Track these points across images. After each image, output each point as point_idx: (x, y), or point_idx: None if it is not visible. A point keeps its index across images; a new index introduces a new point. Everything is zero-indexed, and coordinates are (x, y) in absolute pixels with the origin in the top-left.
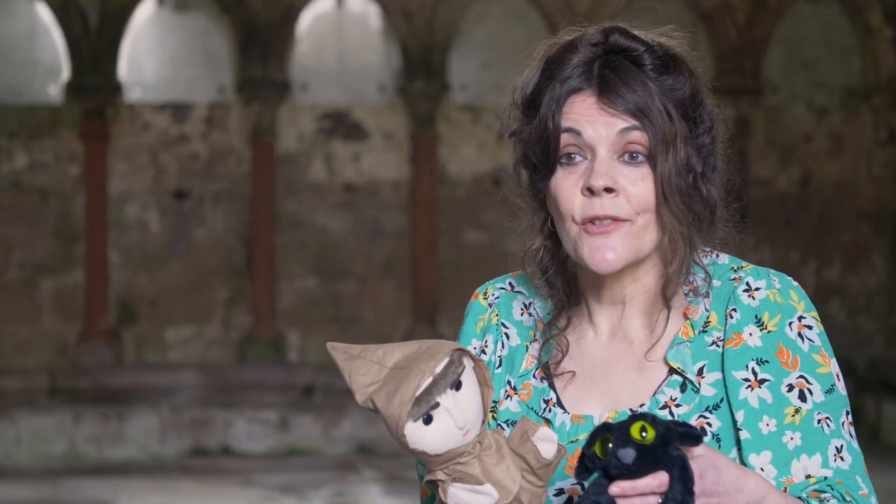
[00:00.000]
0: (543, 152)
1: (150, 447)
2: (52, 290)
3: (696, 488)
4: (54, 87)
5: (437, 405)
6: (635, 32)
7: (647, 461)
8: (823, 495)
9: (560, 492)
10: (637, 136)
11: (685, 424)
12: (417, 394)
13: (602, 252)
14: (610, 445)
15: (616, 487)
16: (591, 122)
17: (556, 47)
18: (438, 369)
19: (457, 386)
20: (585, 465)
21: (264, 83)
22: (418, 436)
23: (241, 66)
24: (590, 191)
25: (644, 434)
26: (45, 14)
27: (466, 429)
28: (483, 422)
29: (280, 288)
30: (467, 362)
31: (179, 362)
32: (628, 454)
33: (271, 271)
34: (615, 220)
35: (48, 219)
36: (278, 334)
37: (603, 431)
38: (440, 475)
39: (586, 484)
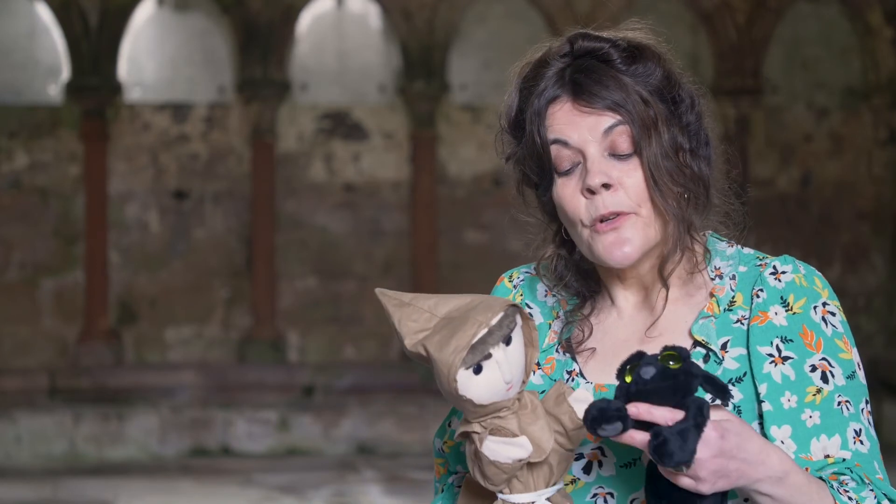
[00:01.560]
0: (538, 166)
1: (150, 447)
2: (52, 290)
3: (715, 446)
4: (54, 87)
5: (489, 356)
6: (598, 33)
7: (665, 383)
8: (843, 478)
9: (580, 456)
10: (621, 129)
11: (716, 378)
12: (473, 342)
13: (618, 247)
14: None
15: (634, 408)
16: (575, 127)
17: (529, 67)
18: (494, 321)
19: (508, 341)
20: (618, 394)
21: (264, 83)
22: (467, 384)
23: (241, 66)
24: (590, 191)
25: (671, 362)
26: (45, 14)
27: (511, 384)
28: (524, 381)
29: (280, 288)
30: (518, 320)
31: (179, 362)
32: (648, 371)
33: (271, 271)
34: (620, 214)
35: (48, 219)
36: (278, 334)
37: (636, 359)
38: (477, 427)
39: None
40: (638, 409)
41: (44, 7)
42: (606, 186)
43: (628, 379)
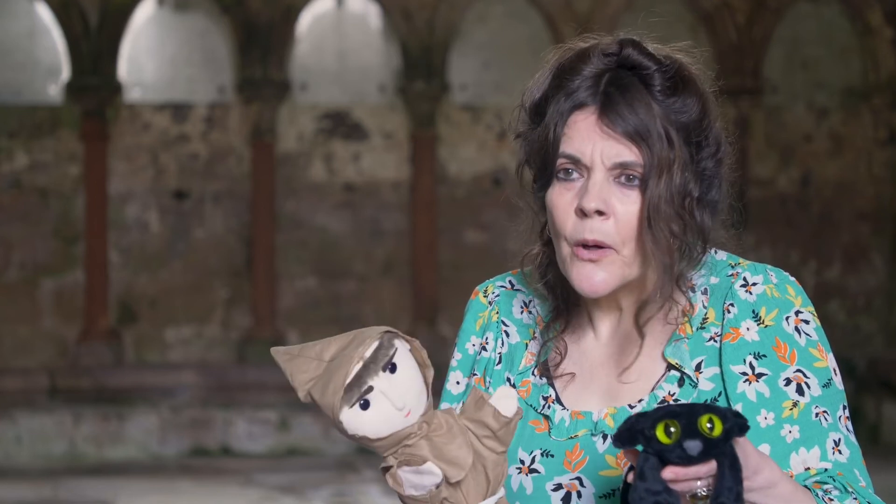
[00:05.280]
0: (542, 163)
1: (150, 447)
2: (52, 290)
3: None
4: (54, 87)
5: (370, 389)
6: (650, 48)
7: (710, 455)
8: (825, 486)
9: (558, 486)
10: (633, 161)
11: (739, 414)
12: (348, 381)
13: (590, 280)
14: (672, 430)
15: (671, 473)
16: (591, 143)
17: (570, 55)
18: (367, 354)
19: (391, 368)
20: (634, 439)
21: (264, 83)
22: (357, 422)
23: (241, 66)
24: (583, 212)
25: (710, 427)
26: (45, 14)
27: (407, 410)
28: (427, 402)
29: (280, 288)
30: (401, 344)
31: (179, 362)
32: (695, 447)
33: (271, 271)
34: (602, 247)
35: (48, 219)
36: (278, 334)
37: (667, 416)
38: (391, 460)
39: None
40: (676, 474)
41: (44, 7)
42: (600, 213)
43: (662, 437)
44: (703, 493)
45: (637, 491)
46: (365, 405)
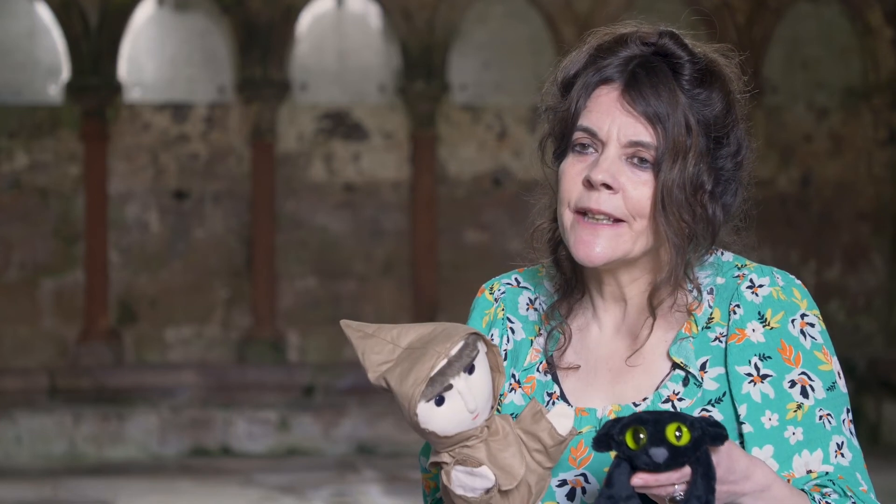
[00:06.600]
0: (561, 132)
1: (150, 447)
2: (52, 290)
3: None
4: (54, 87)
5: (450, 387)
6: (686, 41)
7: (677, 462)
8: (825, 489)
9: (563, 483)
10: (649, 142)
11: (715, 424)
12: (432, 374)
13: (588, 245)
14: (641, 437)
15: (639, 479)
16: (610, 119)
17: (609, 38)
18: (454, 352)
19: (470, 370)
20: (608, 444)
21: (264, 83)
22: (429, 416)
23: (241, 66)
24: (590, 183)
25: (679, 435)
26: (45, 14)
27: (476, 413)
28: (492, 407)
29: (280, 288)
30: (481, 347)
31: (179, 362)
32: (661, 454)
33: (271, 271)
34: (610, 218)
35: (48, 219)
36: (278, 334)
37: (636, 423)
38: (445, 457)
39: (609, 455)
40: (645, 481)
41: (44, 7)
42: (607, 187)
43: (630, 443)
44: (680, 498)
45: (600, 496)
46: (440, 401)
